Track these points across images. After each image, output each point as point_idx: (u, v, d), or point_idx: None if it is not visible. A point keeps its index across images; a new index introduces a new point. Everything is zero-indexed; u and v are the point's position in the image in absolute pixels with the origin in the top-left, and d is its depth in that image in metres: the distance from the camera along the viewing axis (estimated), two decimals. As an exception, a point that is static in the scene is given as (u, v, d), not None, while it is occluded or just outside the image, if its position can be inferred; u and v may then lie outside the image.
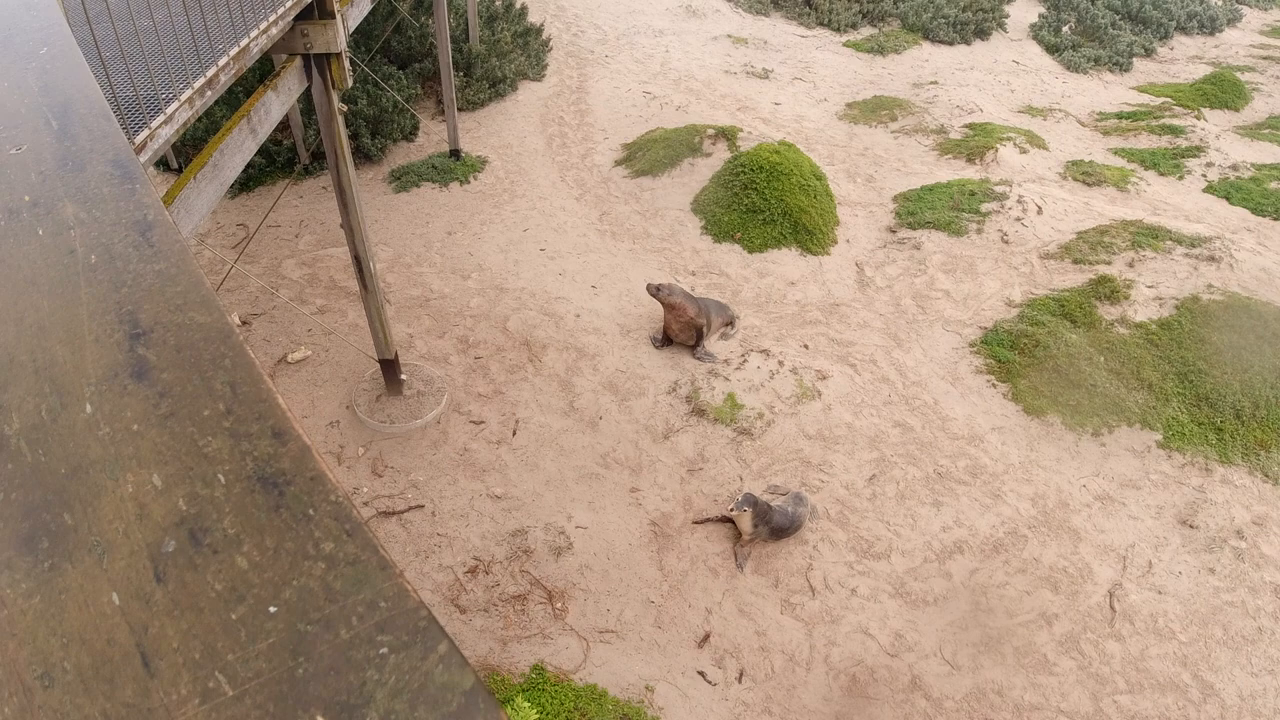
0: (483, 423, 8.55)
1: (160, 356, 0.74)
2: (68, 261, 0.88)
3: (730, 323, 10.26)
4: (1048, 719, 6.45)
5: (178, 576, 0.55)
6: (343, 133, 6.56)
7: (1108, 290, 10.43)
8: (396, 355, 8.44)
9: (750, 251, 11.74)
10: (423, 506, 7.59)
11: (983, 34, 21.85)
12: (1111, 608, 7.29)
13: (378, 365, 8.54)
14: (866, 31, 21.78)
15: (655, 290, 9.50)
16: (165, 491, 0.61)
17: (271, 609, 0.52)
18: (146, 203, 0.94)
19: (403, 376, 8.66)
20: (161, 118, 3.77)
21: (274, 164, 12.81)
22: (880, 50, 20.39)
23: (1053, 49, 21.66)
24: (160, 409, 0.69)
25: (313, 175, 12.86)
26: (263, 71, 11.84)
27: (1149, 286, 10.45)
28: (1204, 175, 14.97)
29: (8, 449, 0.68)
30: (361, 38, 14.00)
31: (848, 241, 12.35)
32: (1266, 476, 8.49)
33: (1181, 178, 14.92)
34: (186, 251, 0.85)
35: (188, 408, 0.69)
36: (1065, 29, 22.62)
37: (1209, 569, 7.68)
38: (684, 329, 9.61)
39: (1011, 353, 9.74)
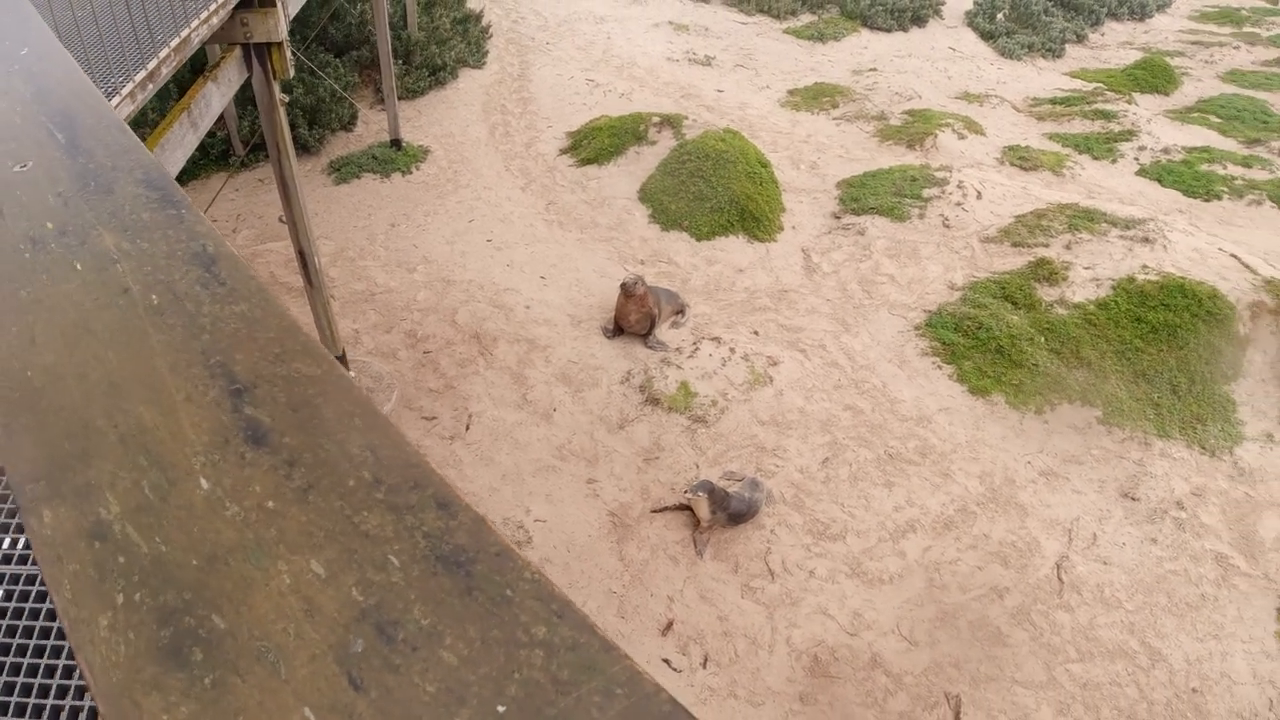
0: (435, 418, 8.43)
1: (275, 417, 0.64)
2: (124, 303, 0.76)
3: (680, 311, 10.25)
4: (1003, 690, 6.60)
5: (379, 681, 0.47)
6: (285, 124, 6.38)
7: (1046, 272, 10.67)
8: (344, 352, 8.28)
9: (698, 239, 11.75)
10: (376, 504, 7.45)
11: (920, 21, 22.15)
12: (1059, 579, 7.48)
13: (325, 361, 8.34)
14: (806, 18, 21.91)
15: (633, 285, 9.35)
16: (331, 580, 0.53)
17: (500, 708, 0.46)
18: (201, 231, 0.83)
19: (351, 373, 8.48)
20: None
21: (207, 157, 12.42)
22: (820, 37, 20.54)
23: (987, 35, 22.06)
24: (294, 481, 0.60)
25: (248, 168, 12.51)
26: (194, 64, 11.45)
27: (1086, 268, 10.71)
28: (1136, 159, 15.37)
29: (112, 538, 0.56)
30: (298, 25, 13.62)
31: (794, 228, 12.44)
32: (1204, 449, 8.79)
33: (1115, 161, 15.32)
34: (265, 290, 0.75)
35: (328, 478, 0.60)
36: (1000, 16, 23.04)
37: (1151, 539, 7.93)
38: (643, 319, 9.56)
39: (955, 335, 9.91)
